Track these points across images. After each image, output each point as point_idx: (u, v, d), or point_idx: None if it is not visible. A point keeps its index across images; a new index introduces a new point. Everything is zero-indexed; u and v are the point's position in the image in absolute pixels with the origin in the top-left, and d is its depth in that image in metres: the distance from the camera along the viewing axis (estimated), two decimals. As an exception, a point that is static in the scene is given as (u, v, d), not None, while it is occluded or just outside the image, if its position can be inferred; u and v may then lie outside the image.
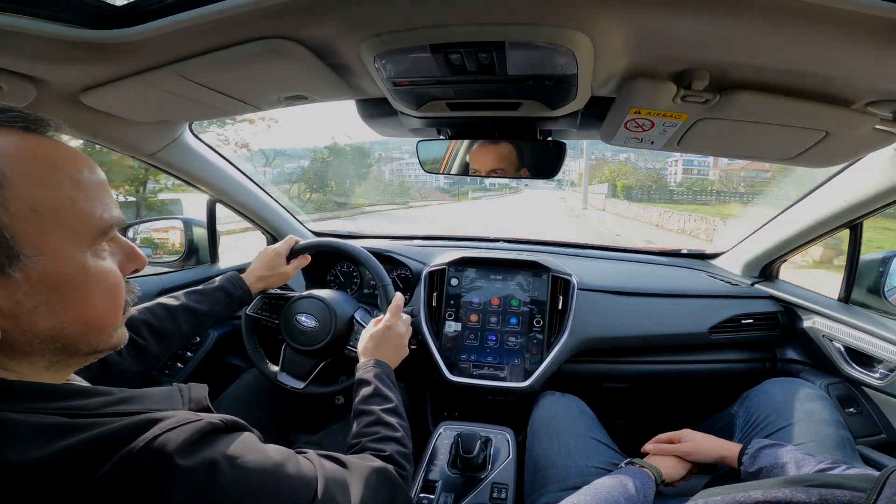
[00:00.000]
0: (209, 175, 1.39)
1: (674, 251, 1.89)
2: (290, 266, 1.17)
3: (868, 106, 0.73)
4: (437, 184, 51.25)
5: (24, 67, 0.72)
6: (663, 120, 0.84)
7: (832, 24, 0.52)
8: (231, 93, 0.85)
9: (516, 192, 65.09)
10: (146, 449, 0.39)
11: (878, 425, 1.15)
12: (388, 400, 0.83)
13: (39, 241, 0.40)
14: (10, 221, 0.38)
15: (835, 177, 1.16)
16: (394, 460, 0.71)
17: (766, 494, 0.52)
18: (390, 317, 1.01)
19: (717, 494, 0.58)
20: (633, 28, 0.59)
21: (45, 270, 0.40)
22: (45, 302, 0.41)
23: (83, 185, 0.44)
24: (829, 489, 0.49)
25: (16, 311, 0.40)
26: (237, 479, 0.43)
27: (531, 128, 1.03)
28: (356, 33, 0.64)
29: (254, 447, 0.48)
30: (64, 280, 0.42)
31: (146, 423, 0.41)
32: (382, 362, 0.92)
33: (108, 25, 0.62)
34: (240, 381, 1.39)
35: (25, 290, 0.40)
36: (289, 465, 0.50)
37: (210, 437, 0.44)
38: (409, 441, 0.79)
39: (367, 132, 15.24)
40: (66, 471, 0.37)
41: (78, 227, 0.43)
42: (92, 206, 0.44)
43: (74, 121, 0.95)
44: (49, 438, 0.38)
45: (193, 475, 0.40)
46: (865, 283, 1.27)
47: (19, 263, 0.39)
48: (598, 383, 1.50)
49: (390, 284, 1.18)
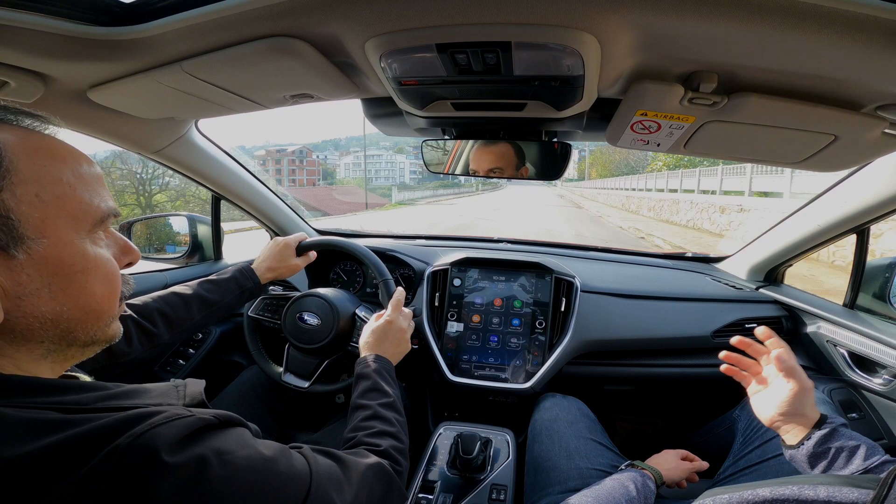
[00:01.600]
0: (215, 172, 1.40)
1: (678, 254, 1.88)
2: (300, 259, 1.18)
3: (878, 110, 0.73)
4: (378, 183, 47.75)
5: (32, 64, 0.73)
6: (670, 122, 0.83)
7: (842, 27, 0.51)
8: (237, 90, 0.85)
9: (495, 188, 64.28)
10: (133, 445, 0.39)
11: (881, 431, 1.14)
12: (386, 395, 0.83)
13: (42, 226, 0.42)
14: (16, 205, 0.41)
15: (842, 181, 1.16)
16: (389, 455, 0.71)
17: (773, 492, 0.52)
18: (391, 311, 1.01)
19: (724, 493, 0.57)
20: (641, 30, 0.59)
21: (47, 253, 0.42)
22: (47, 285, 0.43)
23: (82, 177, 0.47)
24: (835, 487, 0.49)
25: (18, 292, 0.41)
26: (226, 475, 0.42)
27: (536, 128, 1.03)
28: (362, 32, 0.64)
29: (245, 443, 0.47)
30: (65, 264, 0.44)
31: (135, 419, 0.41)
32: (383, 357, 0.92)
33: (117, 22, 0.63)
34: (241, 378, 1.40)
35: (28, 272, 0.42)
36: (280, 461, 0.49)
37: (200, 433, 0.43)
38: (406, 436, 0.79)
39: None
40: (53, 467, 0.37)
41: (78, 214, 0.45)
42: (90, 197, 0.47)
43: (82, 117, 0.95)
44: (38, 434, 0.38)
45: (180, 472, 0.40)
46: (871, 288, 1.26)
47: (23, 245, 0.41)
48: (599, 385, 1.49)
49: (391, 279, 1.18)
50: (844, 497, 0.47)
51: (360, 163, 61.65)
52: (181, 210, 8.86)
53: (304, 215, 1.82)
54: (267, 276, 1.12)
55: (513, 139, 1.06)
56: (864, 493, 0.46)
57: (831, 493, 0.48)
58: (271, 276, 1.13)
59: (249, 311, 1.26)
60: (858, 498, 0.46)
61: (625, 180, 28.20)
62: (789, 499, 0.51)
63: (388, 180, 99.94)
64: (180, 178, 1.40)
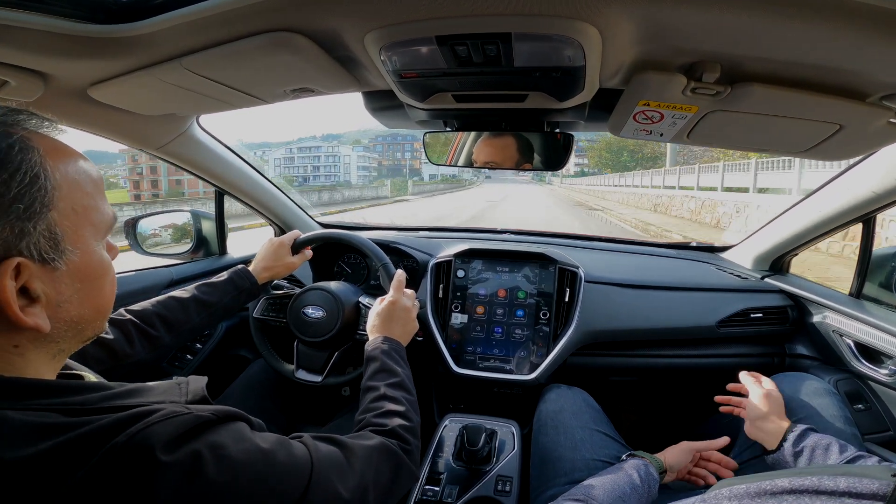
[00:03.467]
0: (217, 167, 1.40)
1: (683, 244, 1.87)
2: (296, 257, 1.18)
3: (883, 99, 0.72)
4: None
5: (31, 63, 0.73)
6: (673, 112, 0.82)
7: (847, 17, 0.51)
8: (237, 86, 0.85)
9: (467, 187, 61.15)
10: (129, 444, 0.39)
11: (886, 422, 1.14)
12: (394, 374, 0.84)
13: (76, 237, 0.45)
14: (60, 219, 0.43)
15: (848, 170, 1.14)
16: (396, 434, 0.71)
17: (793, 483, 0.52)
18: (393, 292, 1.02)
19: (741, 483, 0.57)
20: (642, 20, 0.58)
21: (80, 262, 0.45)
22: (77, 291, 0.46)
23: (97, 185, 0.49)
24: (855, 478, 0.48)
25: (58, 300, 0.44)
26: (223, 470, 0.43)
27: (538, 120, 1.02)
28: (361, 25, 0.63)
29: (243, 437, 0.47)
30: (91, 271, 0.47)
31: (133, 418, 0.41)
32: (391, 338, 0.92)
33: (114, 20, 0.63)
34: (247, 373, 1.41)
35: (66, 282, 0.44)
36: (279, 452, 0.49)
37: (196, 430, 0.44)
38: (416, 414, 0.79)
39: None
40: (57, 468, 0.37)
41: (97, 222, 0.48)
42: (104, 204, 0.49)
43: (83, 115, 0.96)
44: (43, 436, 0.38)
45: (176, 469, 0.40)
46: (878, 277, 1.25)
47: (64, 257, 0.44)
48: (604, 377, 1.49)
49: (389, 262, 1.18)
50: (865, 488, 0.47)
51: (293, 156, 56.78)
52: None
53: (308, 210, 1.83)
54: (264, 276, 1.12)
55: (514, 130, 1.06)
56: (884, 483, 0.46)
57: (851, 484, 0.48)
58: (268, 275, 1.13)
59: (254, 312, 1.26)
60: (879, 489, 0.46)
61: (638, 176, 25.89)
62: (809, 489, 0.50)
63: (330, 179, 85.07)
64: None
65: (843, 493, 0.48)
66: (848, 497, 0.47)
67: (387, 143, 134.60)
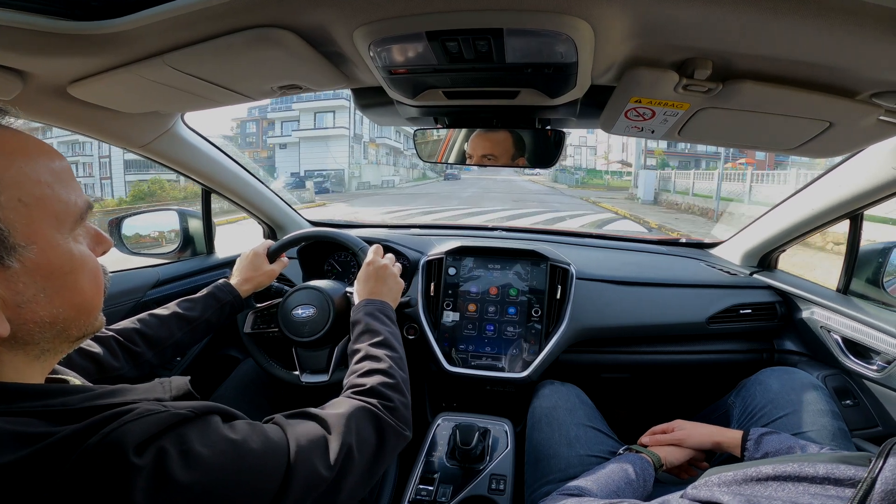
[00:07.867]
0: (203, 165, 1.37)
1: (673, 240, 1.88)
2: (275, 264, 1.18)
3: (873, 97, 0.72)
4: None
5: (8, 60, 0.70)
6: (664, 109, 0.82)
7: (839, 14, 0.51)
8: (222, 83, 0.83)
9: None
10: (100, 444, 0.38)
11: (875, 418, 1.15)
12: (376, 333, 0.83)
13: (29, 231, 0.41)
14: (2, 213, 0.40)
15: (836, 167, 1.15)
16: (375, 392, 0.69)
17: (776, 469, 0.55)
18: (371, 255, 1.02)
19: (728, 471, 0.60)
20: (635, 16, 0.58)
21: (38, 259, 0.42)
22: (43, 290, 0.43)
23: (57, 174, 0.45)
24: (833, 464, 0.51)
25: (17, 301, 0.41)
26: (196, 466, 0.42)
27: (530, 116, 1.02)
28: (350, 20, 0.62)
29: (215, 430, 0.46)
30: (55, 267, 0.44)
31: (109, 418, 0.40)
32: (373, 299, 0.92)
33: (91, 16, 0.60)
34: (238, 372, 1.39)
35: (24, 280, 0.41)
36: (252, 439, 0.48)
37: (170, 428, 0.43)
38: (402, 370, 0.78)
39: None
40: (37, 472, 0.36)
41: (60, 214, 0.44)
42: (68, 194, 0.46)
43: (63, 113, 0.93)
44: (23, 441, 0.37)
45: (147, 468, 0.39)
46: (865, 273, 1.26)
47: (16, 254, 0.41)
48: (596, 373, 1.50)
49: (365, 246, 1.16)
50: (842, 474, 0.49)
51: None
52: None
53: (296, 207, 1.81)
54: (245, 289, 1.10)
55: (506, 127, 1.05)
56: (860, 469, 0.48)
57: (830, 470, 0.51)
58: (249, 286, 1.12)
59: (245, 328, 1.24)
60: (855, 474, 0.48)
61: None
62: (791, 475, 0.53)
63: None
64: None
65: (823, 479, 0.51)
66: (827, 482, 0.50)
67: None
